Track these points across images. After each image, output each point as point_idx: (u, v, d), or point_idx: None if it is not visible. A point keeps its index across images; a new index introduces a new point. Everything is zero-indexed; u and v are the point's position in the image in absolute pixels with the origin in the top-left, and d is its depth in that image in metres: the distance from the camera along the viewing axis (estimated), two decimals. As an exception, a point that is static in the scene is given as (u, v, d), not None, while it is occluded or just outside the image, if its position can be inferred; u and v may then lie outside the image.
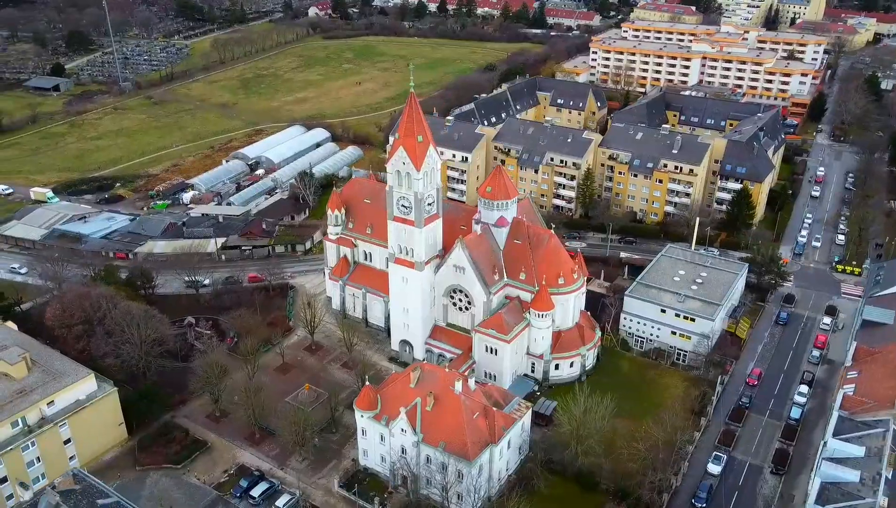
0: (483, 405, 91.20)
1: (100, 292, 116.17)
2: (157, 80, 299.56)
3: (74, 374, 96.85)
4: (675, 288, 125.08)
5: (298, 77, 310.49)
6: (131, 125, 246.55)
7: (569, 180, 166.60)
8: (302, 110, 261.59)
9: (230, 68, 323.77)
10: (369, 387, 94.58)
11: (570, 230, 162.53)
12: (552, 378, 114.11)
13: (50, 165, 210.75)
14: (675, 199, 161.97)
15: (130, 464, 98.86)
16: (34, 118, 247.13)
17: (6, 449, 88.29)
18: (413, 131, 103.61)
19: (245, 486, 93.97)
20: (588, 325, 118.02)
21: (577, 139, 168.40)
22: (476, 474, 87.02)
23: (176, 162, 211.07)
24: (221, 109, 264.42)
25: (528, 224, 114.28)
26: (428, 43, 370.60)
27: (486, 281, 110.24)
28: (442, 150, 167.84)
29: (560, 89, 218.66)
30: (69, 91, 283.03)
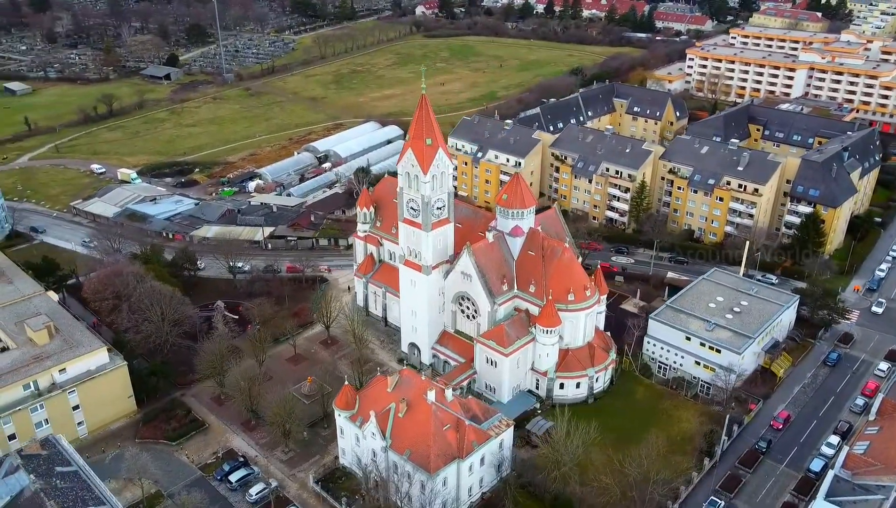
0: (456, 418, 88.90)
1: (131, 270, 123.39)
2: (257, 72, 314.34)
3: (89, 345, 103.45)
4: (707, 315, 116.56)
5: (390, 74, 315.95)
6: (224, 114, 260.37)
7: (622, 193, 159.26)
8: (385, 107, 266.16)
9: (328, 63, 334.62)
10: (348, 387, 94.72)
11: (619, 244, 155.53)
12: (556, 398, 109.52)
13: (144, 148, 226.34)
14: (737, 219, 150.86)
15: (133, 435, 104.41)
16: (141, 104, 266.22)
17: (15, 409, 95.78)
18: (422, 134, 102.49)
19: (226, 470, 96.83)
20: (601, 345, 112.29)
21: (635, 150, 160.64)
22: (439, 487, 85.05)
23: (254, 152, 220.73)
24: (310, 103, 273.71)
25: (544, 236, 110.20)
26: (526, 45, 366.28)
27: (492, 290, 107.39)
28: (496, 153, 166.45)
29: (638, 97, 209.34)
30: (178, 80, 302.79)
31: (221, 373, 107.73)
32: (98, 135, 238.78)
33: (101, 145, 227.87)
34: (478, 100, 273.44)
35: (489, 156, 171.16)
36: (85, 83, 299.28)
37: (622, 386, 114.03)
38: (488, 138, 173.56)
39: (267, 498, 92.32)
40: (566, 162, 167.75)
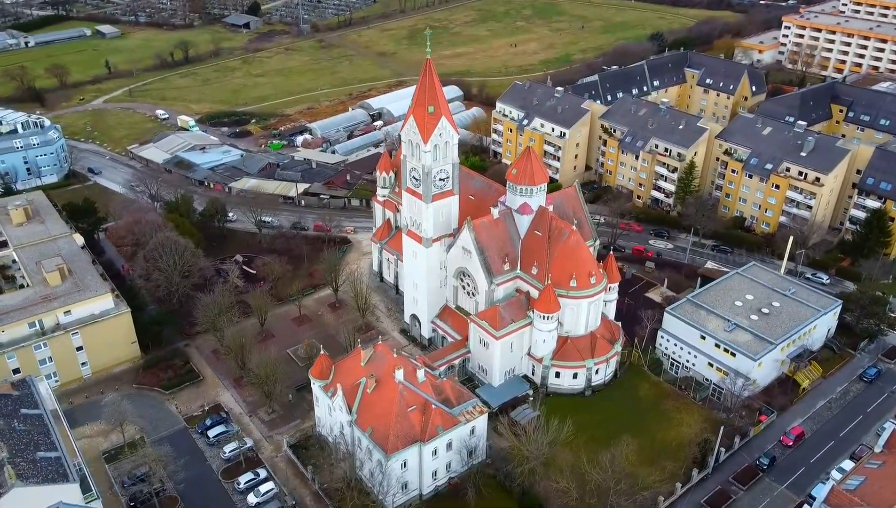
0: (424, 399, 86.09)
1: (150, 218, 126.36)
2: (334, 24, 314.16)
3: (95, 290, 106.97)
4: (729, 314, 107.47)
5: (467, 31, 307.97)
6: (293, 66, 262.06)
7: (670, 172, 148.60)
8: (452, 66, 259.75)
9: (407, 18, 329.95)
10: (324, 356, 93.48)
11: (660, 227, 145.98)
12: (551, 387, 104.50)
13: (210, 96, 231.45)
14: (794, 210, 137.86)
15: (132, 380, 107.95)
16: (217, 52, 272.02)
17: (20, 346, 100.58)
18: (425, 101, 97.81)
19: (207, 425, 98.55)
20: (606, 336, 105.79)
21: (689, 127, 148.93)
22: (397, 468, 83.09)
23: (311, 105, 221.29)
24: (378, 58, 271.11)
25: (553, 216, 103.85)
26: (616, 5, 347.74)
27: (491, 269, 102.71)
28: (542, 122, 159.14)
29: (711, 67, 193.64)
30: (257, 29, 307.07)
31: (221, 327, 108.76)
32: (171, 81, 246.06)
33: (171, 91, 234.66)
34: (551, 62, 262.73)
35: (535, 124, 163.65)
36: (170, 29, 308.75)
37: (626, 381, 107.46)
38: (536, 105, 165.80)
39: (238, 458, 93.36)
40: (614, 135, 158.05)
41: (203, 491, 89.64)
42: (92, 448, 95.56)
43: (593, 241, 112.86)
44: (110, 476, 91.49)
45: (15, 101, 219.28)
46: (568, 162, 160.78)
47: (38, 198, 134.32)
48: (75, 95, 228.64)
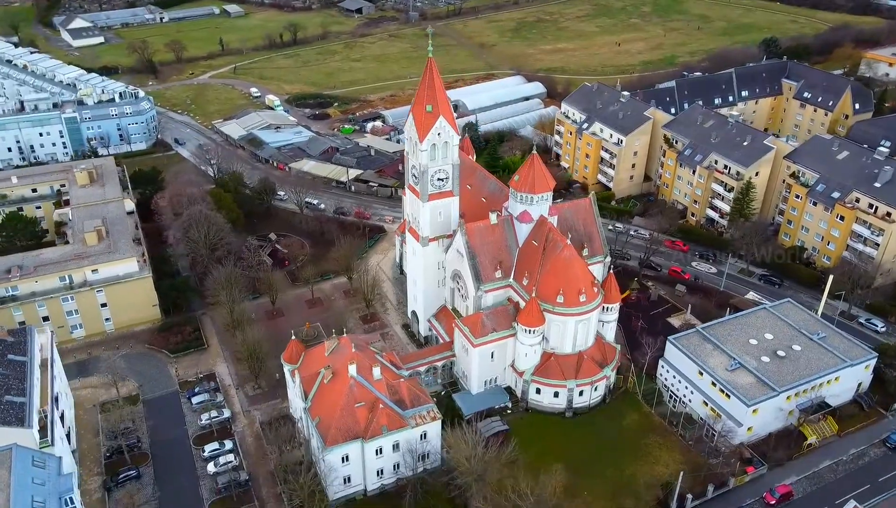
0: (375, 397, 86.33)
1: (192, 191, 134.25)
2: (443, 13, 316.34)
3: (123, 253, 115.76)
4: (737, 351, 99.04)
5: (574, 27, 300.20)
6: (391, 53, 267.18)
7: (726, 191, 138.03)
8: (549, 61, 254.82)
9: (518, 10, 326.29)
10: (295, 341, 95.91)
11: (708, 249, 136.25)
12: (531, 402, 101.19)
13: (305, 77, 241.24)
14: (859, 246, 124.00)
15: (146, 340, 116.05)
16: (324, 35, 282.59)
17: (49, 296, 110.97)
18: (423, 100, 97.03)
19: (194, 391, 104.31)
20: (596, 358, 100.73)
21: (755, 144, 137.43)
22: (336, 460, 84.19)
23: (395, 93, 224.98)
24: (477, 50, 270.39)
25: (551, 227, 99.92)
26: (746, 4, 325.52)
27: (481, 275, 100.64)
28: (602, 127, 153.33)
29: (812, 80, 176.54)
30: (368, 15, 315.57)
31: (228, 301, 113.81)
32: (274, 60, 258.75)
33: (271, 70, 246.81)
34: (653, 64, 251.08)
35: (594, 128, 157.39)
36: (290, 11, 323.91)
37: (614, 408, 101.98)
38: (599, 109, 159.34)
39: (210, 427, 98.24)
40: (675, 147, 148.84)
41: (173, 453, 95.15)
42: (92, 397, 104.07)
43: (603, 257, 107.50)
44: (99, 425, 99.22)
45: (134, 71, 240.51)
46: (623, 171, 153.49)
47: (108, 163, 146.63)
48: (187, 69, 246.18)
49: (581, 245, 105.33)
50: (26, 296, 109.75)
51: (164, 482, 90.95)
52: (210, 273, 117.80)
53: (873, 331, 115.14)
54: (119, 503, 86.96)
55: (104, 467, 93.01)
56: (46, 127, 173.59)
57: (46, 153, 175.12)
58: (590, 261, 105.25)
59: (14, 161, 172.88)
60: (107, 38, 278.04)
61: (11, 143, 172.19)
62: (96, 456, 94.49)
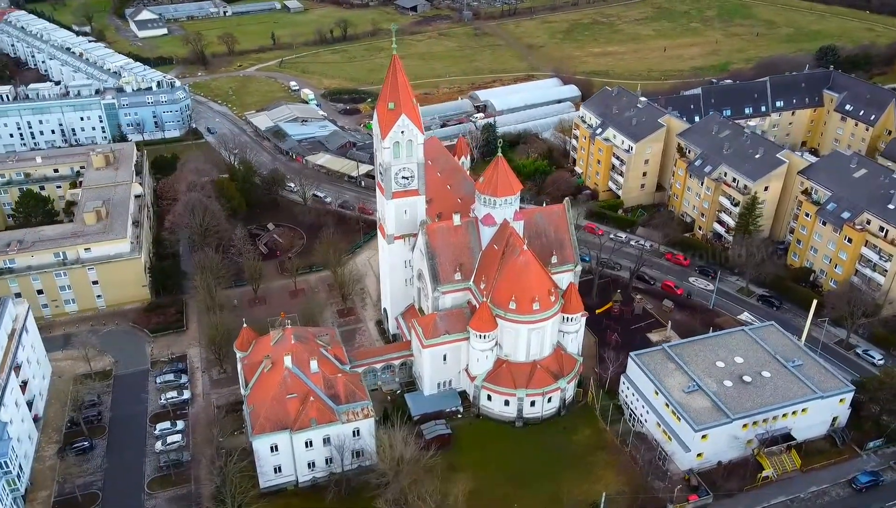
0: (308, 390, 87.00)
1: (194, 179, 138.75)
2: (497, 13, 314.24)
3: (115, 234, 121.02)
4: (699, 373, 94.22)
5: (629, 29, 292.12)
6: (437, 51, 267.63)
7: (732, 205, 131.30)
8: (595, 64, 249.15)
9: (575, 11, 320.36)
10: (247, 329, 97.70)
11: (710, 265, 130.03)
12: (482, 409, 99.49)
13: (347, 73, 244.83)
14: (867, 271, 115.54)
15: (133, 318, 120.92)
16: (373, 32, 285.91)
17: (44, 271, 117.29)
18: (386, 97, 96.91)
19: (162, 371, 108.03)
20: (551, 369, 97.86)
21: (766, 157, 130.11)
22: (264, 449, 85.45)
23: (429, 91, 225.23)
24: (524, 50, 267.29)
25: (512, 231, 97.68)
26: (820, 10, 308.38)
27: (439, 276, 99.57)
28: (615, 132, 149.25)
29: (855, 92, 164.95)
30: (423, 13, 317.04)
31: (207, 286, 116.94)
32: (320, 56, 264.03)
33: (315, 65, 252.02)
34: (703, 69, 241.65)
35: (607, 134, 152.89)
36: (348, 7, 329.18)
37: (569, 421, 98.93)
38: (615, 114, 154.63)
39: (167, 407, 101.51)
40: (687, 156, 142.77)
41: (128, 429, 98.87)
42: (71, 369, 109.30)
43: (573, 266, 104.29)
44: (69, 395, 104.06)
45: (187, 62, 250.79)
46: (633, 179, 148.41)
47: (127, 148, 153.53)
48: (236, 61, 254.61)
49: (550, 252, 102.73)
50: (22, 269, 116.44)
51: (113, 455, 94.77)
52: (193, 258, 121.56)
53: (870, 363, 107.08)
54: (66, 470, 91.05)
55: (63, 436, 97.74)
56: (87, 112, 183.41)
57: (87, 137, 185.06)
58: (558, 269, 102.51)
59: (57, 143, 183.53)
60: (170, 30, 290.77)
61: (55, 126, 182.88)
62: (59, 425, 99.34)
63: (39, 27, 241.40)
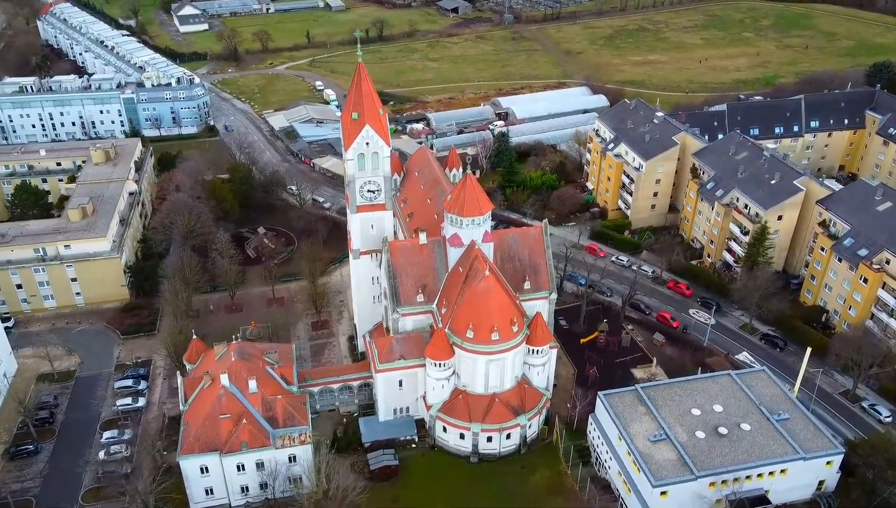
0: (243, 411, 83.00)
1: (180, 178, 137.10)
2: (539, 17, 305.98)
3: (95, 233, 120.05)
4: (672, 421, 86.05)
5: (677, 37, 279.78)
6: (472, 54, 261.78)
7: (742, 233, 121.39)
8: (632, 73, 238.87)
9: (622, 17, 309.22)
10: (197, 341, 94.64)
11: (714, 297, 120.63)
12: (438, 440, 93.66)
13: (375, 74, 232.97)
14: (883, 316, 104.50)
15: (109, 318, 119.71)
16: (410, 33, 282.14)
17: (23, 266, 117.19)
18: (350, 106, 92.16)
19: (123, 376, 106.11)
20: (511, 403, 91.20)
21: (783, 182, 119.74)
22: (193, 470, 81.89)
23: (454, 96, 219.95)
24: (560, 57, 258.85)
25: (477, 253, 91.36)
26: (888, 22, 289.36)
27: (399, 297, 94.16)
28: (627, 148, 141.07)
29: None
30: (464, 14, 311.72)
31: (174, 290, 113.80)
32: (352, 56, 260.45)
33: (344, 66, 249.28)
34: (747, 82, 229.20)
35: (619, 149, 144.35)
36: (390, 7, 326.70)
37: (528, 460, 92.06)
38: (629, 129, 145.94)
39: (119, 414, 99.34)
40: (700, 178, 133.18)
41: (78, 433, 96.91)
42: (36, 367, 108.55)
43: (548, 293, 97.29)
44: (28, 394, 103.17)
45: (220, 58, 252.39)
46: (642, 199, 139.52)
47: (130, 144, 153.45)
48: (268, 59, 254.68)
49: (523, 277, 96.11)
50: (1, 263, 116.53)
51: (57, 460, 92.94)
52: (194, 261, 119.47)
53: (876, 419, 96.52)
54: (6, 475, 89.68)
55: (13, 437, 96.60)
56: (107, 105, 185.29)
57: (106, 130, 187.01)
58: (530, 296, 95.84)
59: (77, 135, 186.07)
60: (212, 26, 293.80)
61: (76, 118, 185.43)
62: (10, 426, 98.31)
63: (80, 20, 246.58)
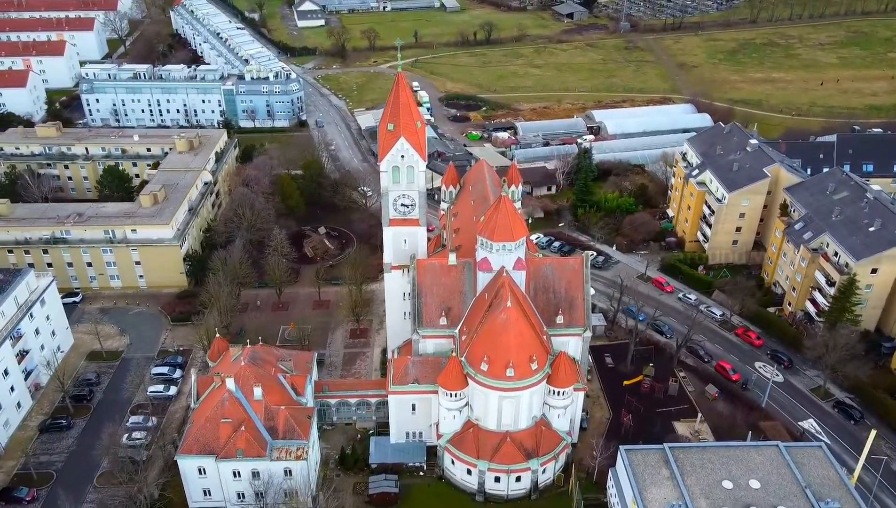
0: (245, 417, 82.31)
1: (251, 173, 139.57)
2: (658, 26, 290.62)
3: (161, 220, 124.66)
4: (696, 491, 76.80)
5: (809, 55, 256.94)
6: (579, 62, 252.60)
7: (827, 285, 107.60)
8: (749, 92, 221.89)
9: (751, 29, 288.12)
10: (220, 339, 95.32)
11: (787, 351, 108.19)
12: (446, 471, 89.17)
13: (474, 77, 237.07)
14: None
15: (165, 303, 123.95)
16: (518, 37, 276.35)
17: (93, 245, 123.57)
18: (387, 117, 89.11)
19: (162, 362, 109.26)
20: (525, 446, 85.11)
21: (884, 230, 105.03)
22: (191, 470, 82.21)
23: (548, 105, 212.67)
24: (673, 70, 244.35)
25: (505, 281, 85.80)
26: None
27: (422, 318, 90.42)
28: (712, 177, 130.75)
29: None
30: (579, 20, 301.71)
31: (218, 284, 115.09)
32: (456, 58, 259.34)
33: (446, 67, 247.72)
34: (882, 110, 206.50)
35: (703, 177, 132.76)
36: (506, 10, 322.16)
37: (538, 507, 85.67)
38: (718, 156, 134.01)
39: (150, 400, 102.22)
40: (790, 216, 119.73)
41: (110, 414, 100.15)
42: (89, 344, 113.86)
43: (582, 331, 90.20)
44: (77, 370, 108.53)
45: (328, 54, 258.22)
46: (723, 233, 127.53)
47: (215, 135, 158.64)
48: (373, 57, 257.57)
49: (556, 311, 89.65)
50: (75, 241, 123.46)
51: (85, 439, 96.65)
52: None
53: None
54: (41, 446, 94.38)
55: (54, 409, 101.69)
56: (208, 95, 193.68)
57: (206, 119, 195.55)
58: (562, 332, 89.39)
59: (181, 122, 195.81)
60: (328, 22, 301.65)
61: (180, 105, 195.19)
62: (53, 399, 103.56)
63: (204, 12, 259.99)
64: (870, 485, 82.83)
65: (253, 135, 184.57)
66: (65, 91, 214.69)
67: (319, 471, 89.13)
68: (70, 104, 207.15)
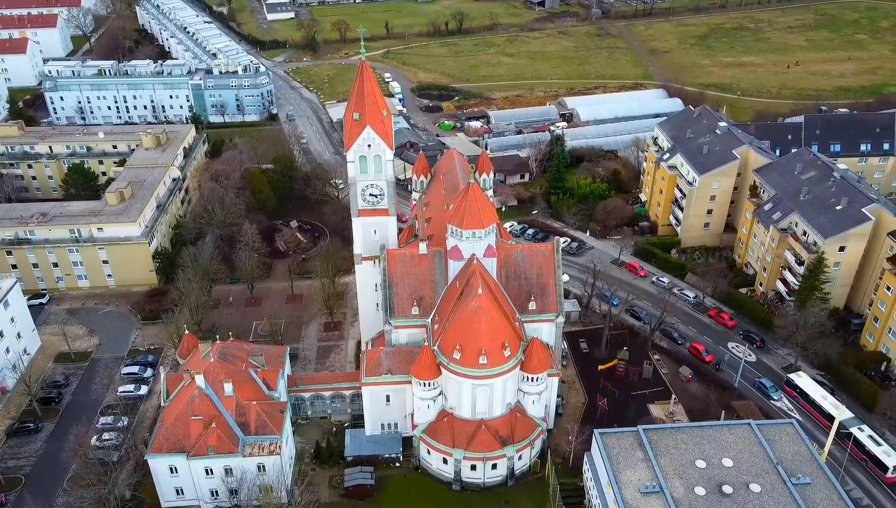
0: (216, 414, 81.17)
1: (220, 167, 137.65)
2: (629, 13, 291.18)
3: (127, 217, 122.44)
4: (670, 472, 77.15)
5: (779, 38, 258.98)
6: (550, 50, 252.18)
7: (797, 264, 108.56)
8: (719, 76, 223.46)
9: (721, 14, 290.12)
10: (189, 336, 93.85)
11: (759, 331, 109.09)
12: (423, 461, 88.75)
13: (446, 67, 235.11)
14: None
15: (134, 302, 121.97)
16: (490, 27, 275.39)
17: (58, 246, 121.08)
18: (352, 106, 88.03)
19: (129, 361, 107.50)
20: (499, 433, 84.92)
21: (850, 208, 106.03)
22: (161, 469, 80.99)
23: (521, 94, 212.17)
24: (645, 55, 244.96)
25: (476, 268, 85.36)
26: None
27: (393, 308, 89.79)
28: (682, 160, 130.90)
29: None
30: (550, 9, 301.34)
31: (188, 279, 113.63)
32: (428, 48, 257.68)
33: (417, 58, 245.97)
34: (850, 91, 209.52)
35: (674, 161, 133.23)
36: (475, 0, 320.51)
37: (514, 494, 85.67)
38: (688, 139, 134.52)
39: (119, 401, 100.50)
40: (759, 197, 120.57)
41: (79, 415, 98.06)
42: (57, 345, 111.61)
43: (554, 316, 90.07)
44: (45, 372, 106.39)
45: (298, 47, 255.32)
46: (695, 216, 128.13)
47: (183, 130, 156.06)
48: (344, 49, 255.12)
49: (528, 297, 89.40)
50: (40, 242, 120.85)
51: (54, 442, 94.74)
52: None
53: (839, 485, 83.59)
54: (8, 451, 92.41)
55: (21, 413, 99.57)
56: (176, 91, 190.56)
57: (175, 115, 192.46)
58: (534, 318, 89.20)
59: (148, 118, 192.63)
60: (298, 14, 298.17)
61: (147, 102, 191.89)
62: (21, 402, 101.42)
63: (170, 6, 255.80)
64: (840, 460, 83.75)
65: (223, 130, 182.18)
66: (28, 90, 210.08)
67: (294, 466, 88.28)
68: (34, 103, 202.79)
